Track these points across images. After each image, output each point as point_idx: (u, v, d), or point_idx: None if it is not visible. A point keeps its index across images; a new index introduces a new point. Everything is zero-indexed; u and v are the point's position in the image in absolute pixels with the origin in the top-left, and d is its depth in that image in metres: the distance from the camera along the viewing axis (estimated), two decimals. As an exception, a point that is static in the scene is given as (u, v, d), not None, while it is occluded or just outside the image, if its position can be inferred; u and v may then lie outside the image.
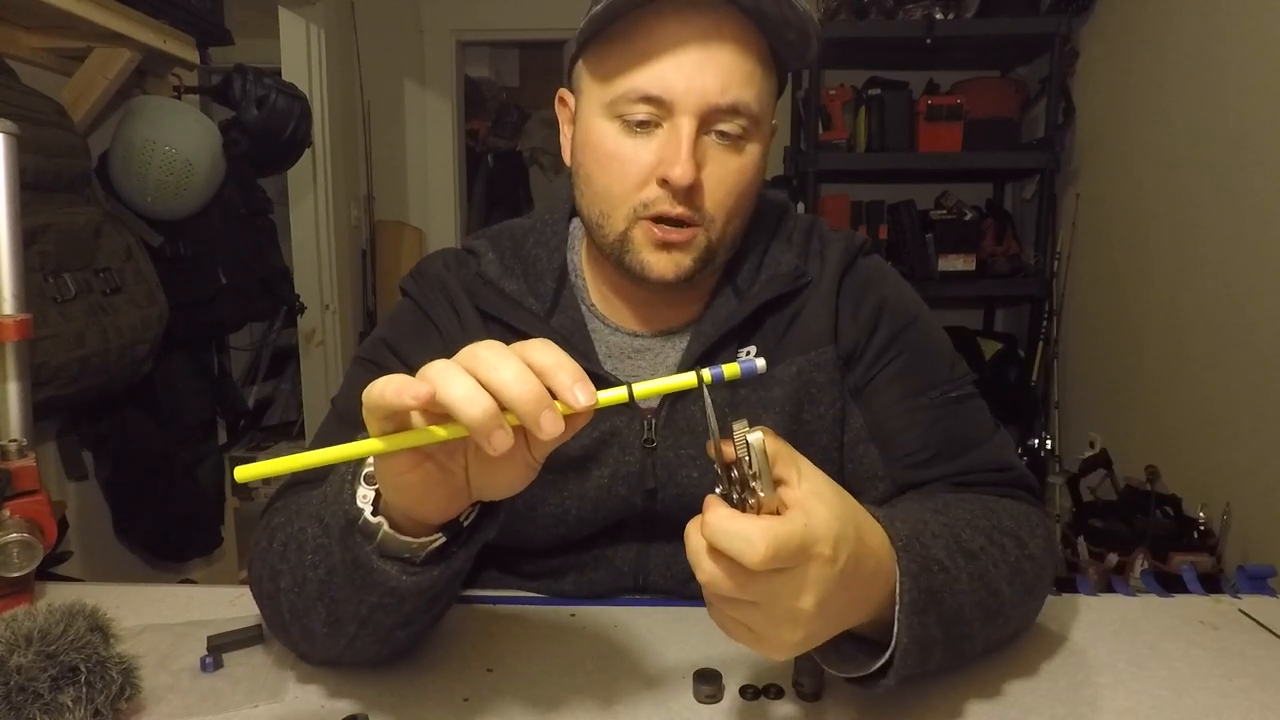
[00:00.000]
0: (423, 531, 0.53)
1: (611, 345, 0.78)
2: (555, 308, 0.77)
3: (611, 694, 0.61)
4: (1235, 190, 1.92)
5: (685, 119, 0.65)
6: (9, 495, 0.75)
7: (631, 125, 0.67)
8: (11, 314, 1.05)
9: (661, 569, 0.77)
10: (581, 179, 0.72)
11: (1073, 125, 2.67)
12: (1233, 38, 1.94)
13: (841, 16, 2.73)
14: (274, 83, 1.97)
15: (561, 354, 0.46)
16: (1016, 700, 0.60)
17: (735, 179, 0.68)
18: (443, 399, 0.44)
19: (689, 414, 0.74)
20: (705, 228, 0.69)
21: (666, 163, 0.65)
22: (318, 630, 0.60)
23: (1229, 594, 0.78)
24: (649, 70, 0.65)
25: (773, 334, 0.76)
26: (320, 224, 3.06)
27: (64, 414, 1.61)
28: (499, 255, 0.79)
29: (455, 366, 0.45)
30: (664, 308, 0.77)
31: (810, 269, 0.77)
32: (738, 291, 0.76)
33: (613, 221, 0.70)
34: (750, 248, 0.77)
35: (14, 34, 1.52)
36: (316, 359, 3.14)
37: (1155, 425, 2.24)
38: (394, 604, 0.56)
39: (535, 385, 0.44)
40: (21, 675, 0.52)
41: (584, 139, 0.71)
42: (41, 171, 1.34)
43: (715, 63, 0.65)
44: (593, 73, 0.70)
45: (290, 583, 0.59)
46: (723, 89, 0.65)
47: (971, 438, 0.74)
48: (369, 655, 0.62)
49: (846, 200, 2.90)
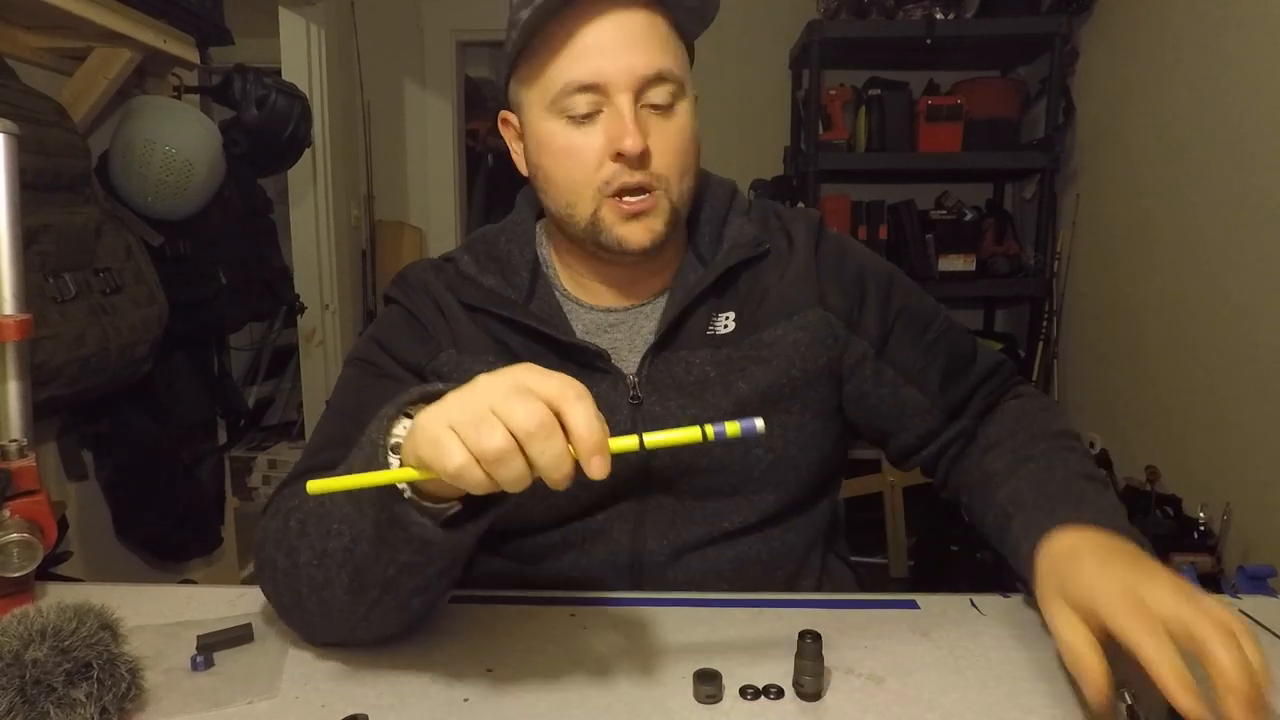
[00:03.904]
0: (440, 500, 0.57)
1: (587, 323, 0.83)
2: (532, 295, 0.83)
3: (611, 694, 0.61)
4: (1236, 190, 1.92)
5: (622, 96, 0.72)
6: (9, 495, 0.76)
7: (576, 118, 0.74)
8: (11, 314, 1.05)
9: (657, 539, 0.80)
10: (543, 180, 0.79)
11: (1073, 125, 2.67)
12: (1233, 37, 1.94)
13: (841, 16, 2.73)
14: (274, 83, 1.97)
15: (593, 414, 0.50)
16: (1017, 700, 0.60)
17: (677, 138, 0.75)
18: (478, 453, 0.49)
19: (670, 372, 0.80)
20: (665, 190, 0.75)
21: (616, 138, 0.72)
22: (337, 599, 0.62)
23: (1229, 594, 0.78)
24: (581, 62, 0.72)
25: (750, 300, 0.82)
26: (320, 224, 3.06)
27: (64, 414, 1.61)
28: (474, 257, 0.85)
29: (507, 440, 0.49)
30: (636, 281, 0.83)
31: (774, 242, 0.85)
32: (702, 259, 0.83)
33: (580, 208, 0.76)
34: (708, 220, 0.85)
35: (14, 34, 1.52)
36: (316, 359, 3.14)
37: (1155, 425, 2.24)
38: (420, 563, 0.59)
39: (567, 468, 0.50)
40: (37, 669, 0.52)
41: (536, 143, 0.77)
42: (41, 171, 1.34)
43: (635, 40, 0.73)
44: (529, 83, 0.76)
45: (310, 556, 0.62)
46: (647, 62, 0.72)
47: (966, 354, 0.87)
48: (382, 628, 0.65)
49: (846, 200, 2.90)
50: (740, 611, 0.73)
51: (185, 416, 1.84)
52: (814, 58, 2.68)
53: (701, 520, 0.80)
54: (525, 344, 0.80)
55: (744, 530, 0.81)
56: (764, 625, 0.71)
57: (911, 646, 0.68)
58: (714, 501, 0.81)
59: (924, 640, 0.69)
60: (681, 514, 0.80)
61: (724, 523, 0.81)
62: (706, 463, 0.79)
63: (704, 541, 0.80)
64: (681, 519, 0.80)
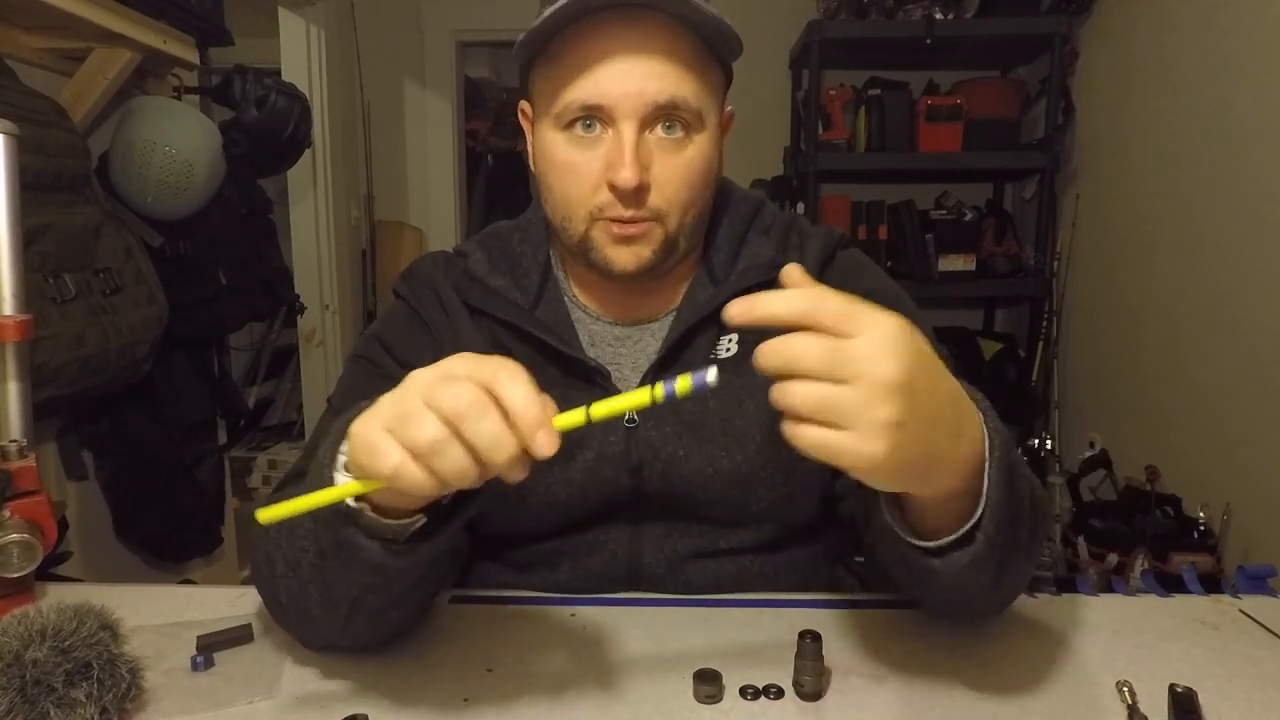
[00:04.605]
0: (404, 515, 0.55)
1: (594, 333, 0.81)
2: (540, 300, 0.80)
3: (611, 694, 0.61)
4: (1236, 190, 1.92)
5: (626, 123, 0.68)
6: (9, 495, 0.76)
7: (578, 135, 0.70)
8: (11, 314, 1.05)
9: (654, 551, 0.78)
10: (543, 186, 0.76)
11: (1073, 125, 2.67)
12: (1233, 37, 1.94)
13: (841, 16, 2.73)
14: (274, 83, 1.96)
15: (528, 390, 0.47)
16: (1017, 700, 0.60)
17: (684, 173, 0.71)
18: (412, 447, 0.47)
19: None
20: (660, 221, 0.71)
21: (612, 168, 0.69)
22: (314, 612, 0.62)
23: (1229, 594, 0.78)
24: (588, 82, 0.68)
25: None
26: (320, 224, 3.05)
27: (64, 414, 1.61)
28: (486, 254, 0.82)
29: (439, 428, 0.47)
30: (642, 297, 0.80)
31: (791, 261, 0.79)
32: (714, 279, 0.80)
33: (574, 224, 0.73)
34: (726, 238, 0.81)
35: (14, 34, 1.52)
36: (316, 359, 3.14)
37: (1155, 425, 2.24)
38: (381, 584, 0.58)
39: (511, 451, 0.47)
40: (37, 669, 0.52)
41: (540, 149, 0.75)
42: (41, 171, 1.34)
43: (646, 67, 0.68)
44: (540, 88, 0.73)
45: (285, 567, 0.62)
46: (658, 90, 0.68)
47: None
48: (366, 638, 0.65)
49: (847, 200, 2.90)
50: (740, 611, 0.73)
51: (185, 416, 1.84)
52: (814, 58, 2.68)
53: (699, 536, 0.78)
54: (528, 352, 0.78)
55: (744, 550, 0.79)
56: (764, 625, 0.71)
57: (911, 646, 0.68)
58: (711, 525, 0.78)
59: (924, 640, 0.69)
60: (678, 529, 0.78)
61: (721, 542, 0.78)
62: (704, 496, 0.76)
63: (703, 554, 0.78)
64: (678, 533, 0.78)
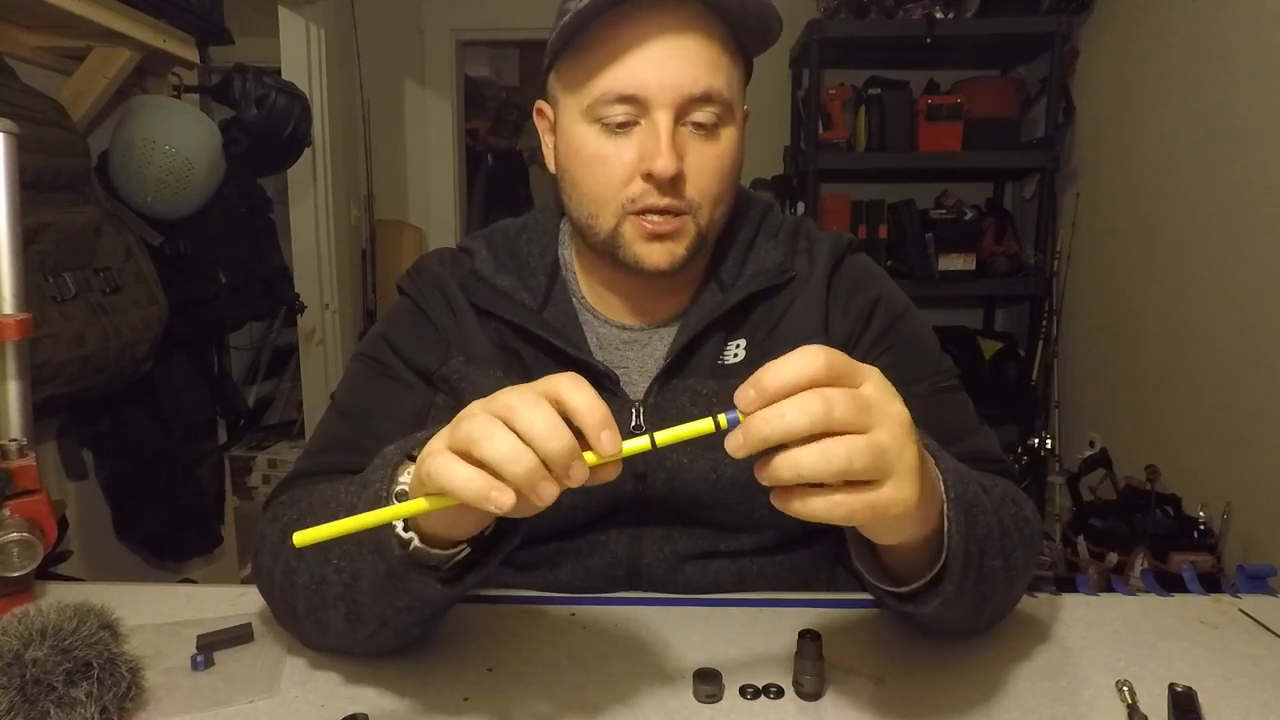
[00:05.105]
0: (448, 545, 0.55)
1: (602, 336, 0.80)
2: (548, 301, 0.79)
3: (611, 694, 0.61)
4: (1236, 190, 1.92)
5: (662, 113, 0.67)
6: (9, 495, 0.76)
7: (611, 127, 0.69)
8: (11, 314, 1.05)
9: (655, 552, 0.78)
10: (568, 184, 0.74)
11: (1073, 125, 2.67)
12: (1233, 37, 1.94)
13: (841, 16, 2.73)
14: (274, 82, 1.96)
15: (592, 394, 0.47)
16: (1017, 700, 0.60)
17: (716, 165, 0.71)
18: (486, 459, 0.46)
19: (676, 401, 0.76)
20: (693, 215, 0.71)
21: (649, 157, 0.68)
22: (334, 626, 0.62)
23: (1229, 594, 0.78)
24: (622, 70, 0.67)
25: (762, 328, 0.78)
26: (320, 223, 3.05)
27: (64, 413, 1.61)
28: (493, 253, 0.81)
29: (494, 423, 0.46)
30: (653, 300, 0.79)
31: (798, 266, 0.79)
32: (722, 285, 0.79)
33: (602, 220, 0.72)
34: (735, 242, 0.80)
35: (14, 33, 1.52)
36: (316, 358, 3.14)
37: (1155, 425, 2.24)
38: (420, 607, 0.58)
39: (567, 440, 0.46)
40: (37, 668, 0.52)
41: (566, 146, 0.73)
42: (41, 171, 1.34)
43: (684, 55, 0.67)
44: (567, 81, 0.72)
45: (308, 580, 0.61)
46: (694, 79, 0.67)
47: (959, 428, 0.76)
48: (379, 649, 0.64)
49: (846, 200, 2.90)
50: (740, 611, 0.73)
51: (185, 416, 1.84)
52: (814, 57, 2.68)
53: (700, 538, 0.78)
54: (534, 354, 0.77)
55: (744, 552, 0.79)
56: (764, 625, 0.71)
57: (911, 646, 0.68)
58: (712, 528, 0.78)
59: (924, 640, 0.68)
60: (679, 530, 0.78)
61: (721, 544, 0.78)
62: (707, 501, 0.76)
63: (703, 554, 0.78)
64: (679, 535, 0.78)
